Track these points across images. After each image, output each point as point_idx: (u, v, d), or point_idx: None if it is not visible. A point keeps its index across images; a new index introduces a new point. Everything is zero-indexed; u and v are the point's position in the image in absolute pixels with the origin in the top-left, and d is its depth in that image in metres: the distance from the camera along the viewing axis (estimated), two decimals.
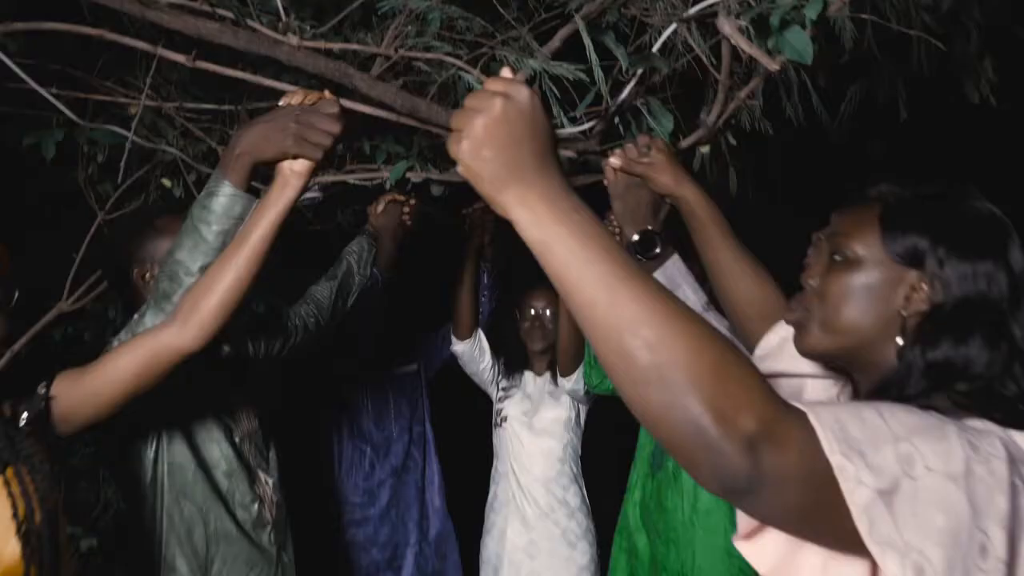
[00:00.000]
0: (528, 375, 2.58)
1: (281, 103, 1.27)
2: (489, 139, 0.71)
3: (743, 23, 1.17)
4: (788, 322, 1.00)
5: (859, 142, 2.17)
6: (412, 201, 2.30)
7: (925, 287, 0.86)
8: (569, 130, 1.53)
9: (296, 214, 2.42)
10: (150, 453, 1.53)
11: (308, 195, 2.25)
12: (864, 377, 0.91)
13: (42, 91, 1.61)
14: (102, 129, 1.87)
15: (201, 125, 1.96)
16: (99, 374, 1.24)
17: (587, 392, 2.40)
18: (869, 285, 0.88)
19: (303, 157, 1.23)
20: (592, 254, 0.68)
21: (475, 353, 2.61)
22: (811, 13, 1.14)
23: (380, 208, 2.28)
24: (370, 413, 2.53)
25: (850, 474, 0.63)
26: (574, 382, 2.43)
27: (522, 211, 0.71)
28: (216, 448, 1.61)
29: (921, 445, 0.65)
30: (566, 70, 1.41)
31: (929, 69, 1.83)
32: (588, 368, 2.28)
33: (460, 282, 2.57)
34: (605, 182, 1.58)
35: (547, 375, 2.55)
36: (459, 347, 2.61)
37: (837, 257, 0.92)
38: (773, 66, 1.13)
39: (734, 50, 1.27)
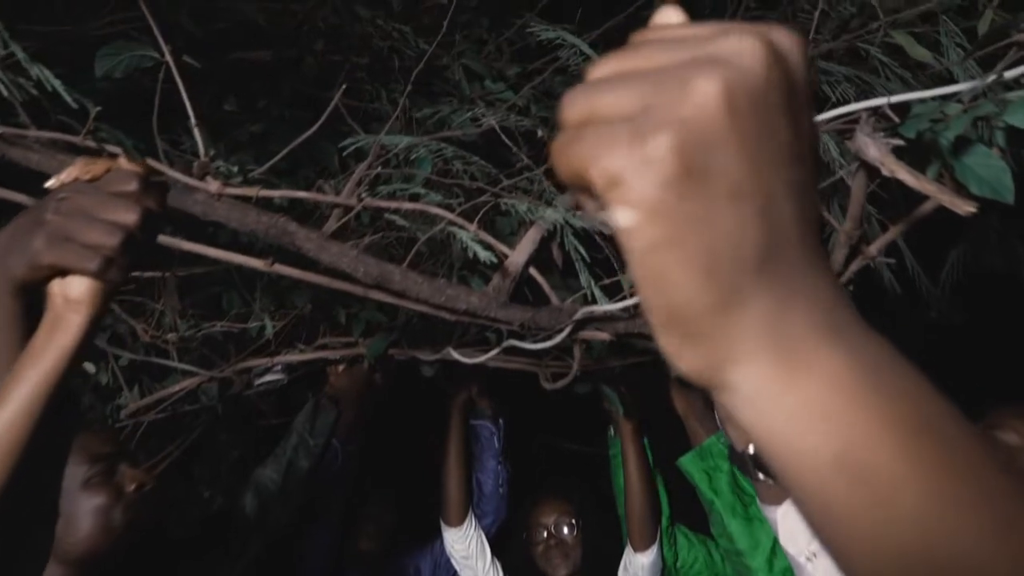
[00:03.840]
0: None
1: (50, 183, 0.73)
2: (736, 143, 0.29)
3: (895, 141, 0.72)
4: None
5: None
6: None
7: None
8: (606, 306, 1.05)
9: (246, 404, 1.96)
10: None
11: (267, 377, 1.78)
12: None
13: None
14: None
15: (124, 298, 1.53)
16: None
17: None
18: None
19: (70, 269, 0.70)
20: (936, 462, 0.30)
21: (471, 548, 1.98)
22: (1017, 119, 0.68)
23: (342, 367, 1.79)
24: None
25: None
26: (655, 554, 1.86)
27: (767, 363, 0.31)
28: None
29: None
30: (598, 223, 0.96)
31: None
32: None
33: (445, 451, 2.00)
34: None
35: None
36: (450, 537, 1.99)
37: None
38: (967, 208, 0.66)
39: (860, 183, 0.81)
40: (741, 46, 0.29)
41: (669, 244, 0.29)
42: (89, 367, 1.73)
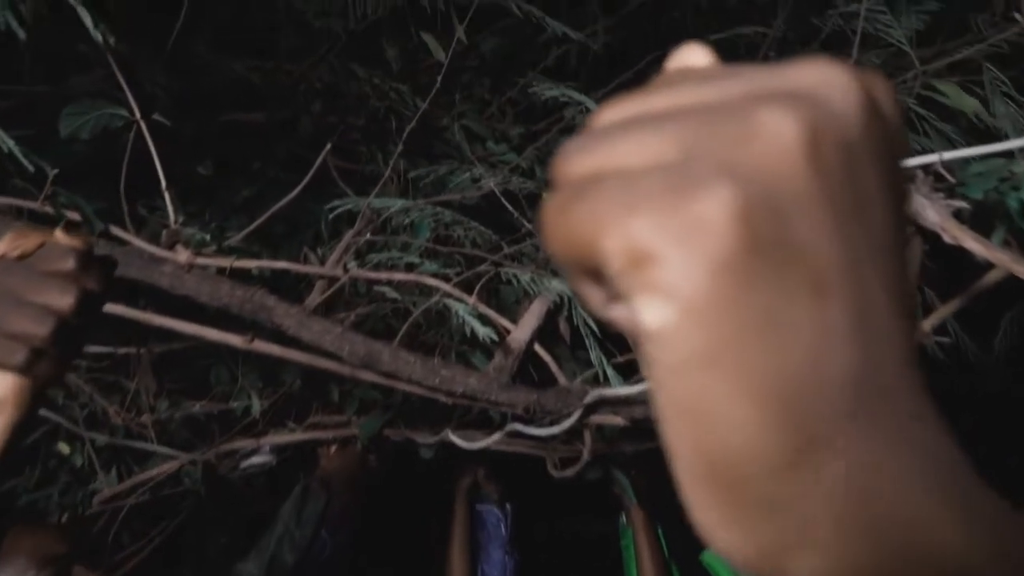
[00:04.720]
0: None
1: None
2: (822, 209, 0.18)
3: (957, 203, 0.62)
4: None
5: None
6: None
7: None
8: (620, 390, 0.94)
9: (232, 487, 1.82)
10: None
11: (254, 460, 1.65)
12: None
13: None
14: None
15: (95, 375, 1.42)
16: None
17: None
18: None
19: None
20: None
21: None
22: None
23: (334, 448, 1.66)
24: None
25: None
26: None
27: (856, 552, 0.19)
28: None
29: None
30: (610, 319, 0.86)
31: None
32: None
33: (449, 539, 1.84)
34: None
35: None
36: None
37: None
38: None
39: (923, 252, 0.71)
40: (830, 78, 0.19)
41: (719, 360, 0.18)
42: (64, 448, 1.61)
